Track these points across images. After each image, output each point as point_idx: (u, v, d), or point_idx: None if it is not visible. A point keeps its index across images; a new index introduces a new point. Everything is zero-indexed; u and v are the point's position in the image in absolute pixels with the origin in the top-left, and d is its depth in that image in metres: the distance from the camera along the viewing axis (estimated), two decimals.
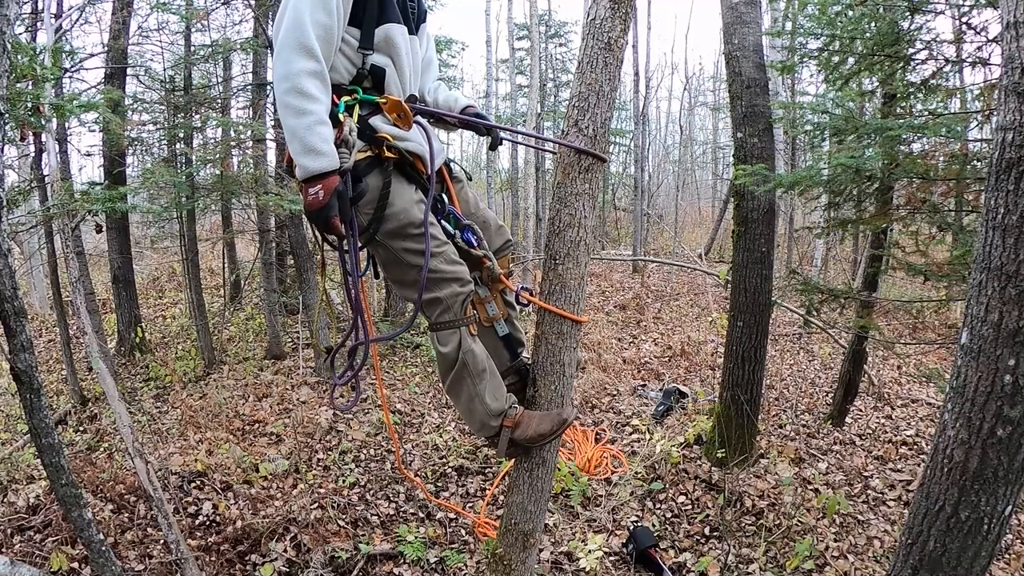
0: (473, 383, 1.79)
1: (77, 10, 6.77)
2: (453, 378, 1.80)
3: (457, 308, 1.75)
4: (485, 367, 1.81)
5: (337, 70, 1.68)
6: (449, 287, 1.74)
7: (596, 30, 1.72)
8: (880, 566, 3.31)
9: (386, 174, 1.71)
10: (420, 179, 1.77)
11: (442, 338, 1.78)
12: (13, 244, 5.45)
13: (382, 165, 1.70)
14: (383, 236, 1.73)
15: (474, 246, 1.87)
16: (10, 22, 2.05)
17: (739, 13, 4.13)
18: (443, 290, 1.74)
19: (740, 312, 4.27)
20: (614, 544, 3.64)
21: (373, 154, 1.69)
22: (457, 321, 1.76)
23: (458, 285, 1.75)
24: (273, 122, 6.29)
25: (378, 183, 1.69)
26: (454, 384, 1.81)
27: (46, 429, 2.30)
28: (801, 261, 11.38)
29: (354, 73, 1.71)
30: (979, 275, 1.89)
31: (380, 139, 1.69)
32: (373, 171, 1.69)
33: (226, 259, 8.71)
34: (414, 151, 1.76)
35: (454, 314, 1.75)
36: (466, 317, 1.77)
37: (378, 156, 1.70)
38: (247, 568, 3.36)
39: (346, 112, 1.66)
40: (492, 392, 1.81)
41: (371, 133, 1.69)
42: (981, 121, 3.73)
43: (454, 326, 1.76)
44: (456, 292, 1.75)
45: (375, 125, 1.70)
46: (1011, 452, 1.85)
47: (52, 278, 5.89)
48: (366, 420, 5.18)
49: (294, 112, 1.54)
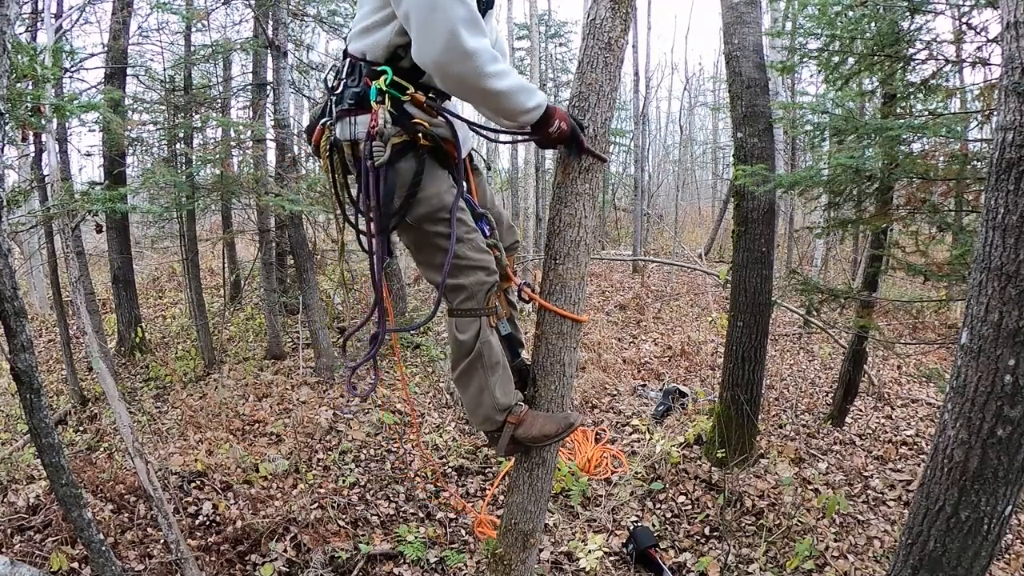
0: (485, 374, 1.78)
1: (77, 10, 6.77)
2: (466, 367, 1.79)
3: (480, 297, 1.75)
4: (499, 360, 1.80)
5: (378, 45, 1.63)
6: (475, 275, 1.73)
7: (596, 30, 1.72)
8: (880, 566, 3.31)
9: (419, 159, 1.69)
10: (451, 164, 1.75)
11: (461, 325, 1.77)
12: (13, 244, 5.45)
13: (416, 150, 1.68)
14: (414, 220, 1.71)
15: (486, 236, 1.87)
16: (10, 22, 2.05)
17: (739, 13, 4.13)
18: (468, 277, 1.73)
19: (740, 312, 4.27)
20: (614, 544, 3.64)
21: (407, 139, 1.66)
22: (479, 310, 1.75)
23: (484, 274, 1.75)
24: (273, 122, 6.29)
25: (411, 168, 1.67)
26: (465, 373, 1.80)
27: (46, 429, 2.30)
28: (801, 261, 11.39)
29: (392, 51, 1.64)
30: (979, 275, 1.89)
31: (415, 125, 1.65)
32: (406, 155, 1.66)
33: (226, 259, 8.71)
34: (447, 136, 1.73)
35: (477, 302, 1.75)
36: (488, 307, 1.77)
37: (412, 141, 1.66)
38: (247, 568, 3.36)
39: (379, 98, 1.60)
40: (502, 386, 1.80)
41: (406, 119, 1.65)
42: (981, 121, 3.73)
43: (475, 314, 1.76)
44: (481, 281, 1.74)
45: (410, 111, 1.66)
46: (1011, 452, 1.85)
47: (52, 278, 5.89)
48: (366, 420, 5.18)
49: (496, 77, 1.53)
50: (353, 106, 1.66)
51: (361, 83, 1.65)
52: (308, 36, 8.73)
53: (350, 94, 1.66)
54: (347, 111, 1.67)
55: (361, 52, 1.68)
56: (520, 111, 1.61)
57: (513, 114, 1.62)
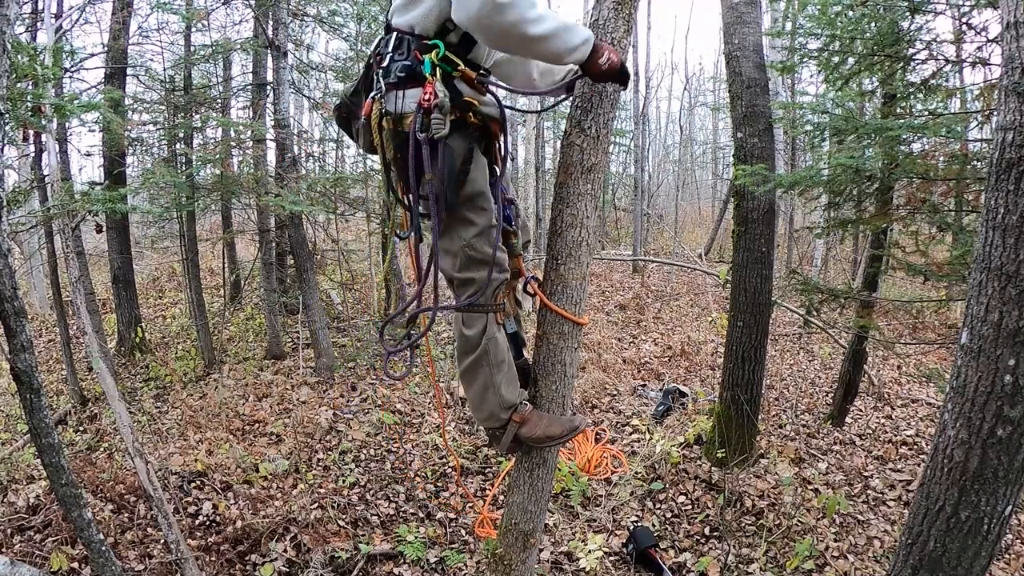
0: (491, 371, 1.77)
1: (77, 10, 6.77)
2: (471, 363, 1.78)
3: (489, 293, 1.73)
4: (504, 358, 1.79)
5: (428, 17, 1.62)
6: (486, 270, 1.72)
7: (600, 31, 1.72)
8: (880, 566, 3.32)
9: (469, 138, 1.67)
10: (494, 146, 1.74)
11: (468, 320, 1.76)
12: (13, 244, 5.45)
13: (466, 129, 1.66)
14: (460, 200, 1.68)
15: (512, 224, 1.87)
16: (10, 22, 2.05)
17: (739, 13, 4.13)
18: (480, 271, 1.71)
19: (740, 312, 4.27)
20: (614, 544, 3.64)
21: (457, 117, 1.63)
22: (487, 306, 1.74)
23: (496, 270, 1.73)
24: (273, 122, 6.29)
25: (462, 147, 1.65)
26: (470, 369, 1.79)
27: (46, 429, 2.30)
28: (801, 261, 11.39)
29: (442, 24, 1.62)
30: (979, 275, 1.89)
31: (466, 103, 1.64)
32: (456, 134, 1.63)
33: (226, 259, 8.71)
34: (495, 116, 1.72)
35: (485, 298, 1.73)
36: (496, 303, 1.76)
37: (462, 119, 1.65)
38: (247, 568, 3.36)
39: (432, 73, 1.59)
40: (507, 383, 1.79)
41: (458, 97, 1.63)
42: (981, 121, 3.74)
43: (483, 310, 1.74)
44: (492, 276, 1.73)
45: (460, 88, 1.65)
46: (1011, 452, 1.85)
47: (52, 278, 5.89)
48: (366, 420, 5.18)
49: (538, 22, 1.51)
50: (403, 79, 1.62)
51: (411, 56, 1.62)
52: (308, 36, 8.73)
53: (399, 67, 1.63)
54: (395, 84, 1.63)
55: (409, 25, 1.65)
56: (568, 50, 1.57)
57: (562, 55, 1.59)
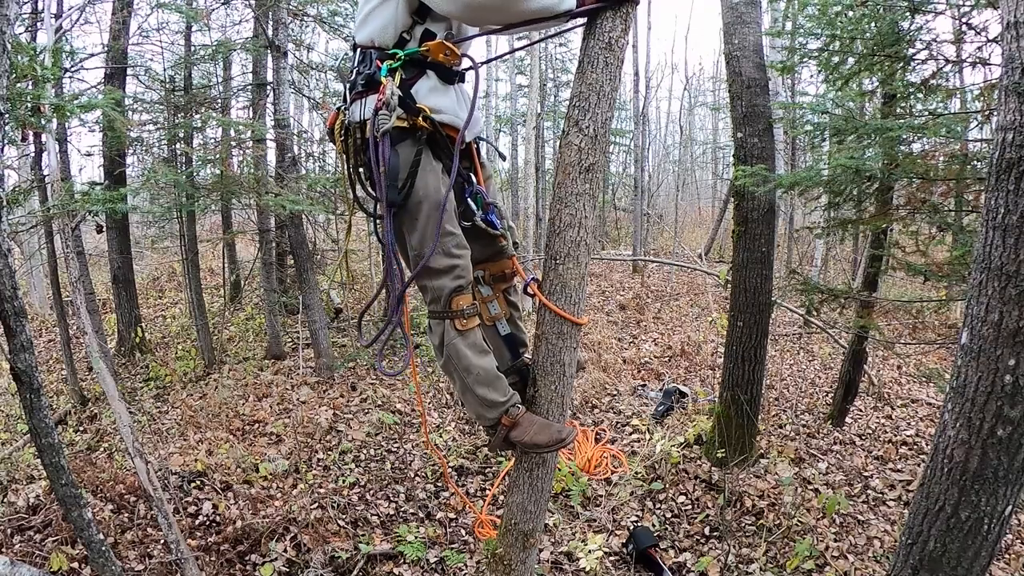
0: (461, 375, 1.78)
1: (77, 10, 6.75)
2: (443, 367, 1.83)
3: (443, 300, 1.74)
4: (471, 363, 1.77)
5: (385, 29, 1.70)
6: (439, 279, 1.73)
7: (597, 30, 1.71)
8: (880, 566, 3.31)
9: (418, 144, 1.70)
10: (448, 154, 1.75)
11: (431, 326, 1.81)
12: (13, 244, 5.45)
13: (415, 135, 1.70)
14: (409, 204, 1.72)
15: (496, 227, 1.88)
16: (10, 22, 2.05)
17: (739, 13, 4.13)
18: (433, 280, 1.74)
19: (740, 312, 4.27)
20: (614, 544, 3.64)
21: (409, 124, 1.68)
22: (442, 313, 1.75)
23: (448, 279, 1.73)
24: (273, 122, 6.29)
25: (409, 154, 1.69)
26: (446, 372, 1.84)
27: (46, 429, 2.30)
28: (801, 261, 11.37)
29: (398, 36, 1.70)
30: (979, 275, 1.89)
31: (418, 110, 1.68)
32: (406, 140, 1.69)
33: (226, 259, 8.71)
34: (449, 123, 1.75)
35: (440, 305, 1.75)
36: (452, 311, 1.74)
37: (413, 126, 1.69)
38: (247, 568, 3.36)
39: (388, 76, 1.67)
40: (483, 386, 1.78)
41: (411, 102, 1.68)
42: (981, 121, 3.74)
43: (439, 317, 1.76)
44: (442, 285, 1.73)
45: (415, 95, 1.70)
46: (1011, 452, 1.85)
47: (52, 278, 5.89)
48: (366, 420, 5.18)
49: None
50: (364, 88, 1.71)
51: (372, 66, 1.71)
52: (308, 36, 8.74)
53: (362, 78, 1.72)
54: (360, 94, 1.72)
55: (370, 39, 1.73)
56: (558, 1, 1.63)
57: (555, 6, 1.63)
